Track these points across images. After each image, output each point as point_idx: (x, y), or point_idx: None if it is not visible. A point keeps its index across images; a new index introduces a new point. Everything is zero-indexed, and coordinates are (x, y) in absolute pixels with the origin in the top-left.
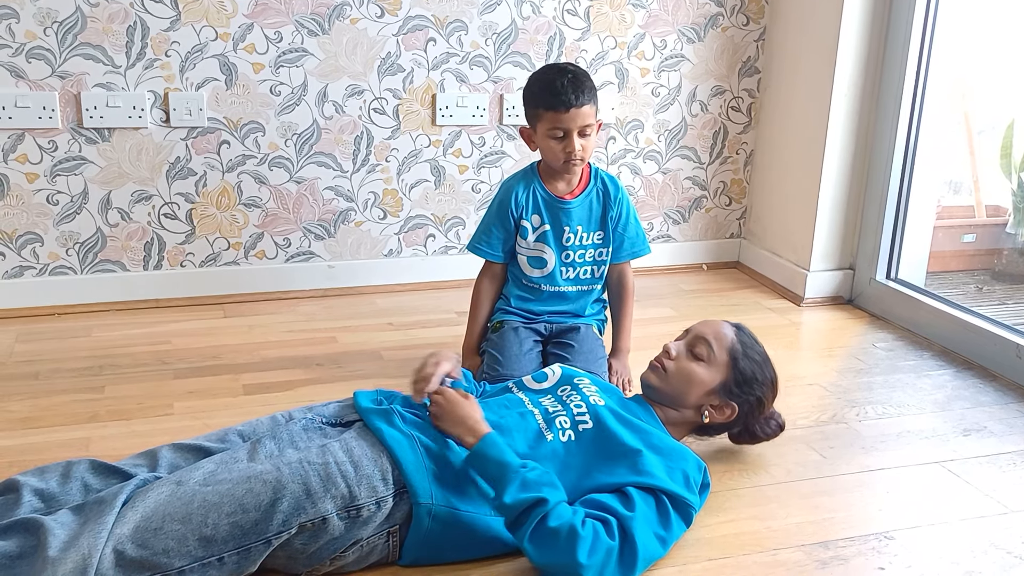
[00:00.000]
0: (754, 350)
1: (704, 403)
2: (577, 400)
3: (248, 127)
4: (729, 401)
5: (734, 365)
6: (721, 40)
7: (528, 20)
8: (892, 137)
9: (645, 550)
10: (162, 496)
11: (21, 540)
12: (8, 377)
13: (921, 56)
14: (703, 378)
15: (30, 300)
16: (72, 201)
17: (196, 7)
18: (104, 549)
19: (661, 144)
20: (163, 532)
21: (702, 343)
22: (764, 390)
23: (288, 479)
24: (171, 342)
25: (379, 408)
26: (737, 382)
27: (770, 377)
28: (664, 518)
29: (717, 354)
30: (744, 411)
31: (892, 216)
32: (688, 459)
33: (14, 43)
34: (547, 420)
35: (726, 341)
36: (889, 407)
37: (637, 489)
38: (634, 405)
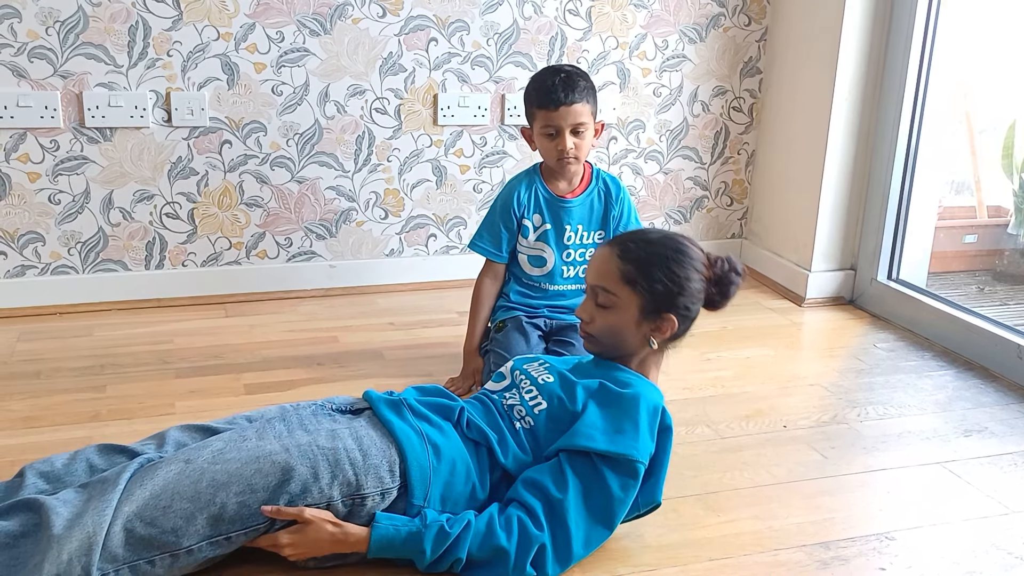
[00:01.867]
0: (639, 249)
1: (644, 334)
2: (527, 385)
3: (250, 127)
4: (661, 316)
5: (636, 286)
6: (723, 40)
7: (530, 20)
8: (893, 137)
9: (579, 534)
10: (171, 474)
11: (24, 519)
12: (10, 376)
13: (923, 56)
14: (623, 320)
15: (32, 299)
16: (74, 201)
17: (198, 7)
18: (112, 527)
19: (662, 144)
20: (172, 510)
21: (598, 292)
22: (674, 267)
23: (297, 461)
24: (173, 341)
25: (390, 399)
26: (653, 295)
27: (670, 250)
28: (602, 486)
29: (616, 291)
30: (682, 306)
31: (893, 216)
32: (639, 405)
33: (16, 43)
34: (509, 417)
35: (613, 273)
36: (890, 407)
37: (570, 457)
38: (589, 365)
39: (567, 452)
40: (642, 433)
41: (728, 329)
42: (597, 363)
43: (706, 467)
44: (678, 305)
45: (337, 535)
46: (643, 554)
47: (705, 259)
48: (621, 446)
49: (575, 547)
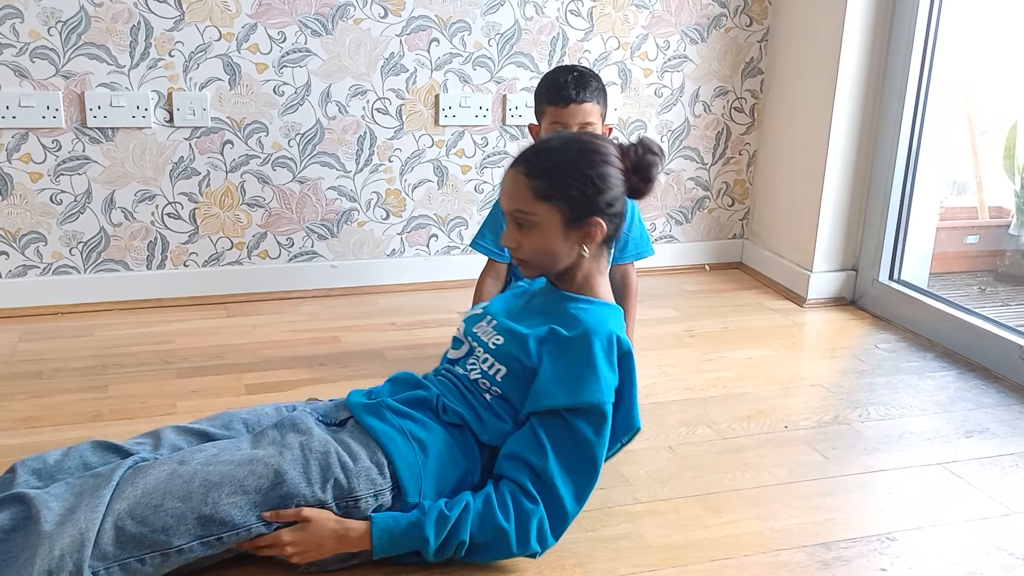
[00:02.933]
0: (544, 161)
1: (573, 246)
2: (482, 353)
3: (251, 127)
4: (586, 221)
5: (551, 199)
6: (724, 41)
7: (531, 21)
8: (895, 138)
9: (569, 493)
10: (163, 474)
11: (13, 512)
12: (11, 376)
13: (924, 57)
14: (549, 237)
15: (33, 299)
16: (76, 201)
17: (200, 7)
18: (103, 524)
19: (664, 145)
20: (163, 509)
21: (516, 215)
22: (585, 168)
23: (289, 464)
24: (174, 341)
25: (370, 403)
26: (571, 203)
27: (575, 152)
28: (577, 439)
29: (533, 210)
30: (604, 205)
31: (895, 217)
32: (592, 345)
33: (18, 42)
34: (477, 390)
35: (525, 193)
36: (891, 408)
37: (540, 419)
38: (537, 302)
39: (536, 415)
40: (601, 373)
41: (729, 330)
42: (545, 295)
43: (707, 468)
44: (600, 205)
45: (339, 531)
46: (644, 554)
47: (617, 150)
48: (584, 395)
49: (568, 507)
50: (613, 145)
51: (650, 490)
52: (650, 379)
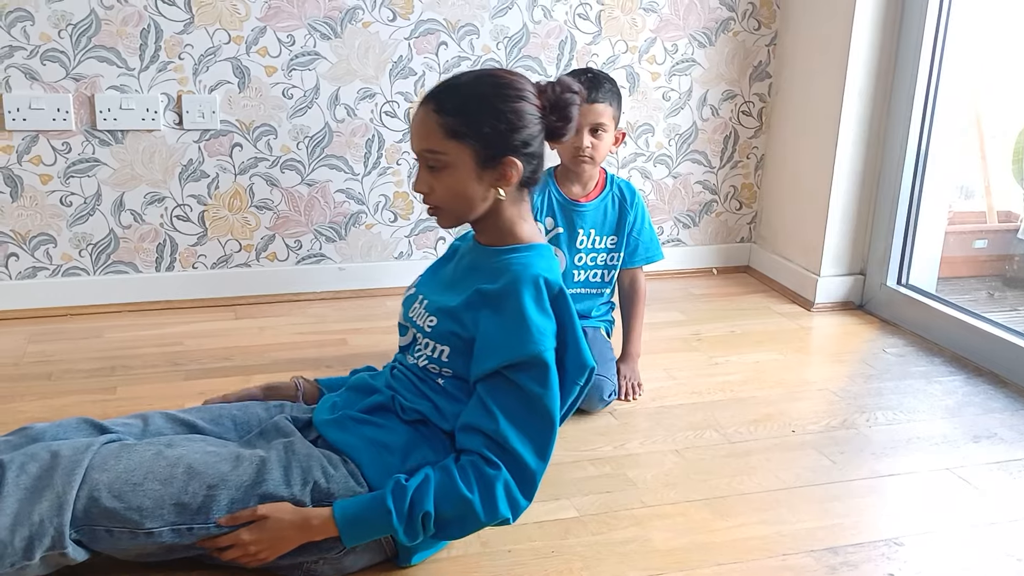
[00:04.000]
0: (454, 97)
1: (488, 188)
2: (422, 339)
3: (260, 130)
4: (498, 161)
5: (462, 137)
6: (732, 45)
7: (539, 24)
8: (903, 142)
9: (529, 451)
10: (148, 454)
11: None
12: (21, 378)
13: (933, 60)
14: (461, 178)
15: (43, 301)
16: (85, 203)
17: (209, 10)
18: (80, 491)
19: (671, 148)
20: (142, 489)
21: (427, 157)
22: (497, 103)
23: (272, 464)
24: (183, 343)
25: (333, 419)
26: (483, 141)
27: (487, 87)
28: (522, 395)
29: (443, 149)
30: (519, 143)
31: (903, 221)
32: (520, 294)
33: (29, 45)
34: (429, 377)
35: (435, 131)
36: (899, 413)
37: (483, 384)
38: (464, 263)
39: (480, 381)
40: (533, 322)
41: (737, 334)
42: (472, 253)
43: (714, 471)
44: (514, 144)
45: (298, 520)
46: (650, 558)
47: (534, 88)
48: (518, 349)
49: (532, 464)
50: (529, 82)
51: (657, 494)
52: (657, 382)
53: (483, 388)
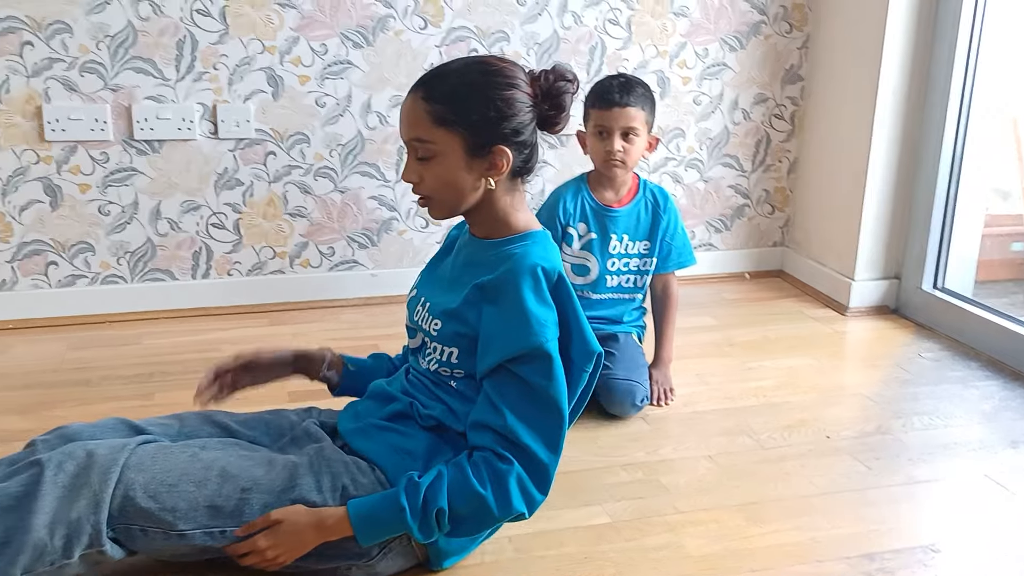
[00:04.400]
0: (443, 84)
1: (478, 178)
2: (430, 343)
3: (294, 138)
4: (488, 150)
5: (451, 125)
6: (764, 48)
7: (569, 30)
8: (938, 143)
9: (539, 444)
10: (184, 456)
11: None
12: (60, 384)
13: (968, 61)
14: (450, 168)
15: (82, 308)
16: (123, 211)
17: (244, 21)
18: (116, 489)
19: (703, 152)
20: (176, 490)
21: (416, 146)
22: (486, 90)
23: (304, 470)
24: (219, 349)
25: (358, 427)
26: (472, 129)
27: (476, 75)
28: (527, 388)
29: (431, 137)
30: (509, 132)
31: (939, 224)
32: (518, 285)
33: (68, 57)
34: (442, 381)
35: (424, 119)
36: (935, 418)
37: (489, 380)
38: (462, 256)
39: (485, 377)
40: (533, 313)
41: (770, 338)
42: (470, 246)
43: (748, 477)
44: (504, 132)
45: (314, 520)
46: (683, 564)
47: (526, 76)
48: (518, 342)
49: (543, 457)
50: (522, 70)
51: (690, 500)
52: (689, 387)
53: (488, 384)
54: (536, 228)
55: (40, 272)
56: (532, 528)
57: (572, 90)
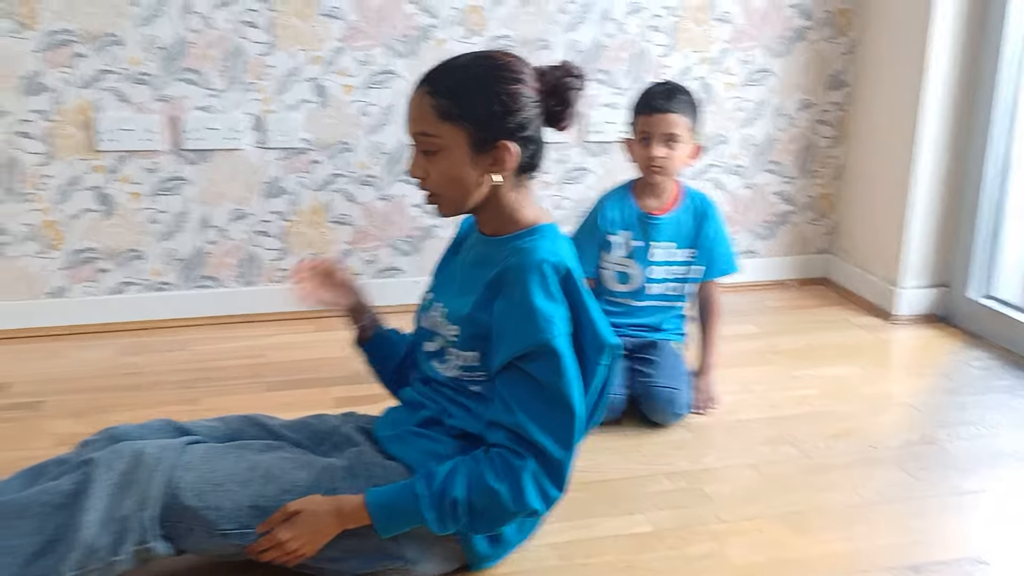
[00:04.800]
0: (449, 78)
1: (483, 174)
2: (450, 348)
3: (338, 147)
4: (493, 145)
5: (456, 119)
6: (808, 53)
7: (612, 38)
8: (986, 148)
9: (551, 441)
10: (229, 456)
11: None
12: (111, 388)
13: (1016, 63)
14: (455, 162)
15: (133, 315)
16: (173, 219)
17: (291, 32)
18: (163, 488)
19: (746, 158)
20: (222, 490)
21: (420, 139)
22: (492, 84)
23: (346, 472)
24: (265, 356)
25: (394, 435)
26: (477, 123)
27: (482, 69)
28: (536, 385)
29: (436, 132)
30: (515, 127)
31: (987, 231)
32: (527, 282)
33: (119, 69)
34: (463, 387)
35: (429, 113)
36: (982, 427)
37: (500, 378)
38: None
39: (498, 374)
40: (540, 310)
41: (815, 347)
42: (479, 245)
43: (792, 487)
44: (509, 127)
45: (333, 508)
46: (726, 574)
47: (534, 71)
48: (525, 339)
49: (556, 454)
50: (528, 65)
51: (734, 509)
52: (733, 395)
53: (500, 382)
54: (545, 221)
55: (92, 279)
56: (574, 536)
57: (579, 86)
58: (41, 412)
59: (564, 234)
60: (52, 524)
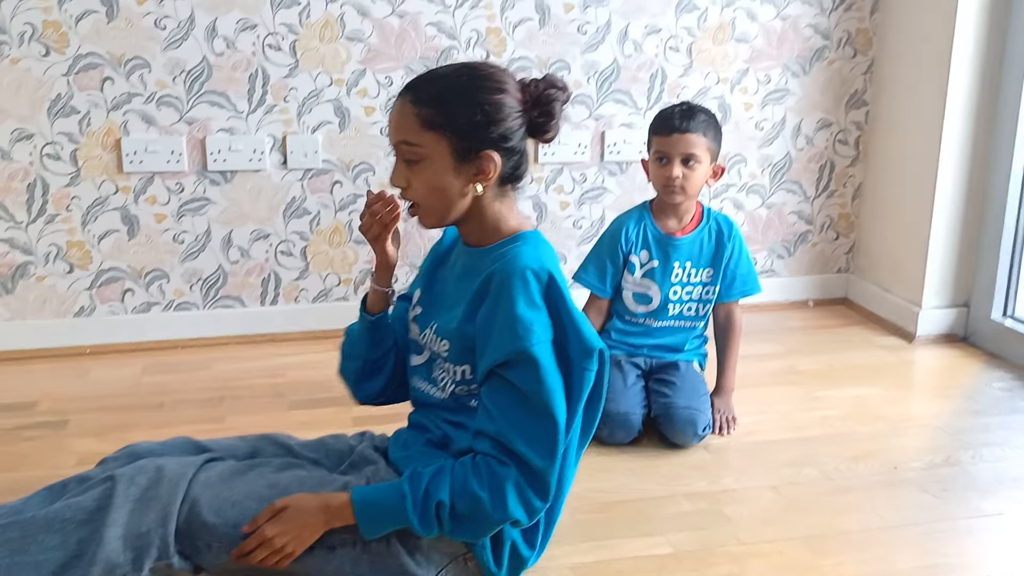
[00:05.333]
0: (431, 87)
1: (466, 184)
2: (443, 362)
3: (359, 167)
4: (476, 155)
5: (438, 128)
6: (827, 73)
7: (630, 58)
8: (1008, 168)
9: (532, 451)
10: (249, 474)
11: (98, 493)
12: (135, 407)
13: None
14: (438, 172)
15: (156, 334)
16: (196, 240)
17: (313, 55)
18: (182, 505)
19: (765, 178)
20: (241, 507)
21: (403, 149)
22: (474, 94)
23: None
24: (286, 375)
25: (407, 454)
26: (459, 133)
27: (465, 78)
28: (516, 394)
29: (419, 141)
30: (497, 137)
31: (1009, 250)
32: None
33: (146, 92)
34: (465, 405)
35: (412, 122)
36: (1006, 449)
37: (483, 386)
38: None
39: (482, 383)
40: (519, 317)
41: (835, 367)
42: (464, 257)
43: (813, 509)
44: (492, 137)
45: (320, 503)
46: None
47: (517, 83)
48: (504, 347)
49: (538, 463)
50: (512, 76)
51: (754, 531)
52: (753, 416)
53: (484, 390)
54: (527, 228)
55: (117, 299)
56: (593, 557)
57: (562, 98)
58: (66, 431)
59: (546, 240)
60: (75, 539)
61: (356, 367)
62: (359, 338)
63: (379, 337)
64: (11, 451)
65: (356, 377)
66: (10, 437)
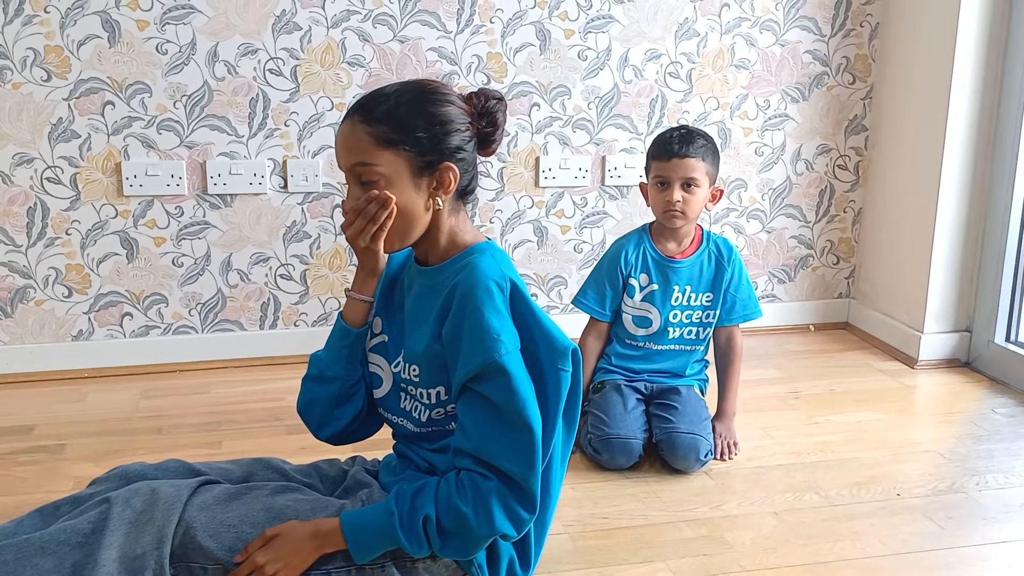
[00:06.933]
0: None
1: (428, 200)
2: (413, 389)
3: None
4: (433, 168)
5: (395, 144)
6: (826, 99)
7: (630, 84)
8: (1009, 191)
9: (512, 464)
10: (245, 498)
11: (94, 516)
12: (133, 432)
13: None
14: (396, 191)
15: (154, 358)
16: (195, 263)
17: (314, 79)
18: (177, 528)
19: (765, 203)
20: (235, 530)
21: (358, 170)
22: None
23: None
24: (285, 399)
25: (397, 479)
26: (418, 147)
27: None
28: (490, 407)
29: (376, 160)
30: (454, 148)
31: (1011, 275)
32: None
33: (146, 116)
34: (436, 436)
35: (365, 142)
36: (1012, 476)
37: (459, 402)
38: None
39: (456, 400)
40: (486, 328)
41: (837, 392)
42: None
43: (815, 536)
44: (450, 148)
45: (309, 530)
46: None
47: (459, 95)
48: (473, 360)
49: (518, 474)
50: (454, 89)
51: (755, 558)
52: (754, 442)
53: (459, 406)
54: (481, 240)
55: (115, 323)
56: None
57: (503, 108)
58: (63, 455)
59: (503, 249)
60: (70, 562)
61: (330, 393)
62: (337, 357)
63: (357, 354)
64: (7, 475)
65: (328, 405)
66: (6, 461)
